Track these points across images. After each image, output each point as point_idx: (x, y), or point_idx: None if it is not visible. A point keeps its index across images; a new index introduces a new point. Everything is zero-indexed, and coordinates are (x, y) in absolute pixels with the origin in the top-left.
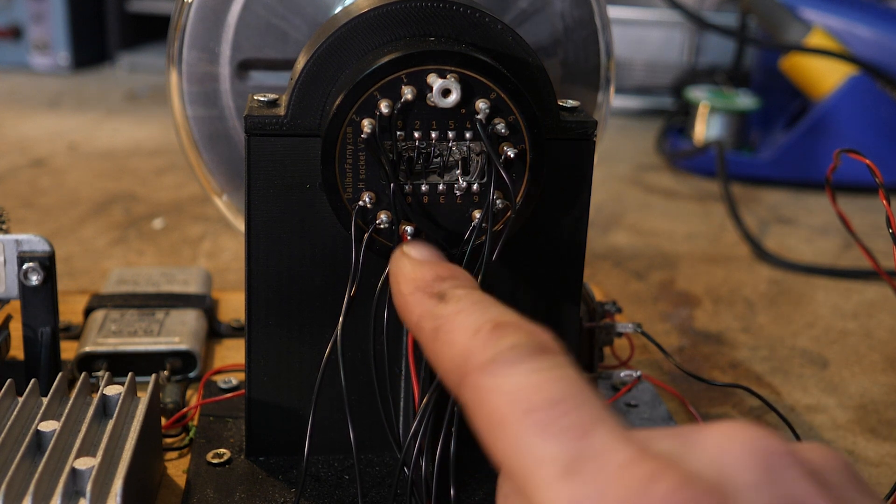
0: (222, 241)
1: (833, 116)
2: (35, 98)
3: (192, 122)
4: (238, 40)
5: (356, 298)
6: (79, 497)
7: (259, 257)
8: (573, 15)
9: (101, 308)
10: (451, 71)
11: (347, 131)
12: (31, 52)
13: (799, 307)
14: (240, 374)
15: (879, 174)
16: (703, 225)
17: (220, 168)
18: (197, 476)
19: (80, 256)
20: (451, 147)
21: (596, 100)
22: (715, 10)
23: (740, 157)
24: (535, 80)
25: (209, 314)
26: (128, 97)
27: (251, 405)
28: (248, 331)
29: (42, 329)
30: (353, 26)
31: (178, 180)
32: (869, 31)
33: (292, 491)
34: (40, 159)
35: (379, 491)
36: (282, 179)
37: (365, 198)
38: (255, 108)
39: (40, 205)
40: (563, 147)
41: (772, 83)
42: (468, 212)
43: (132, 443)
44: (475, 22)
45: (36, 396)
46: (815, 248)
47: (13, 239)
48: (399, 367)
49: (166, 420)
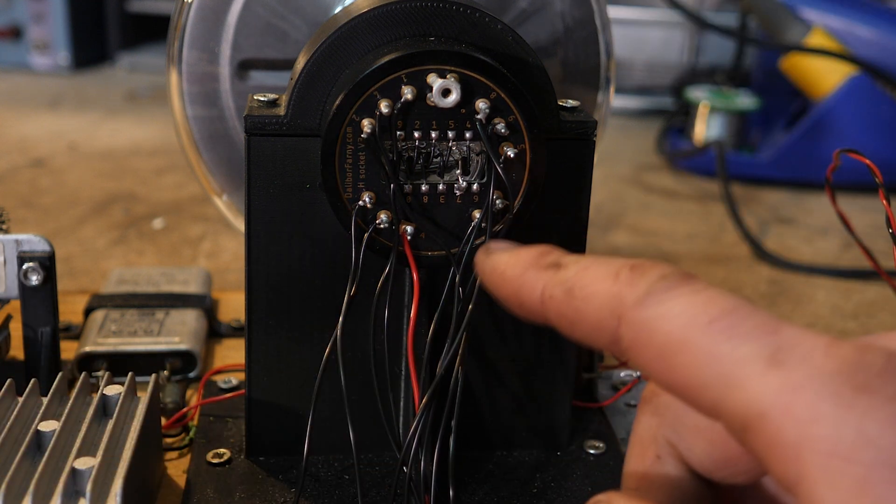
0: (222, 241)
1: (833, 116)
2: (35, 98)
3: (192, 122)
4: (238, 40)
5: (356, 298)
6: (79, 497)
7: (259, 257)
8: (573, 15)
9: (101, 308)
10: (451, 71)
11: (347, 131)
12: (31, 52)
13: (799, 307)
14: (240, 374)
15: (879, 174)
16: (703, 225)
17: (220, 168)
18: (197, 476)
19: (80, 256)
20: (451, 147)
21: (596, 100)
22: (715, 10)
23: (740, 157)
24: (535, 80)
25: (209, 314)
26: (128, 97)
27: (251, 405)
28: (248, 331)
29: (42, 329)
30: (353, 26)
31: (178, 180)
32: (869, 31)
33: (292, 491)
34: (40, 159)
35: (379, 491)
36: (282, 179)
37: (365, 198)
38: (255, 108)
39: (40, 205)
40: (563, 147)
41: (772, 83)
42: (468, 212)
43: (132, 443)
44: (475, 22)
45: (36, 396)
46: (815, 248)
47: (13, 239)
48: (399, 367)
49: (166, 420)
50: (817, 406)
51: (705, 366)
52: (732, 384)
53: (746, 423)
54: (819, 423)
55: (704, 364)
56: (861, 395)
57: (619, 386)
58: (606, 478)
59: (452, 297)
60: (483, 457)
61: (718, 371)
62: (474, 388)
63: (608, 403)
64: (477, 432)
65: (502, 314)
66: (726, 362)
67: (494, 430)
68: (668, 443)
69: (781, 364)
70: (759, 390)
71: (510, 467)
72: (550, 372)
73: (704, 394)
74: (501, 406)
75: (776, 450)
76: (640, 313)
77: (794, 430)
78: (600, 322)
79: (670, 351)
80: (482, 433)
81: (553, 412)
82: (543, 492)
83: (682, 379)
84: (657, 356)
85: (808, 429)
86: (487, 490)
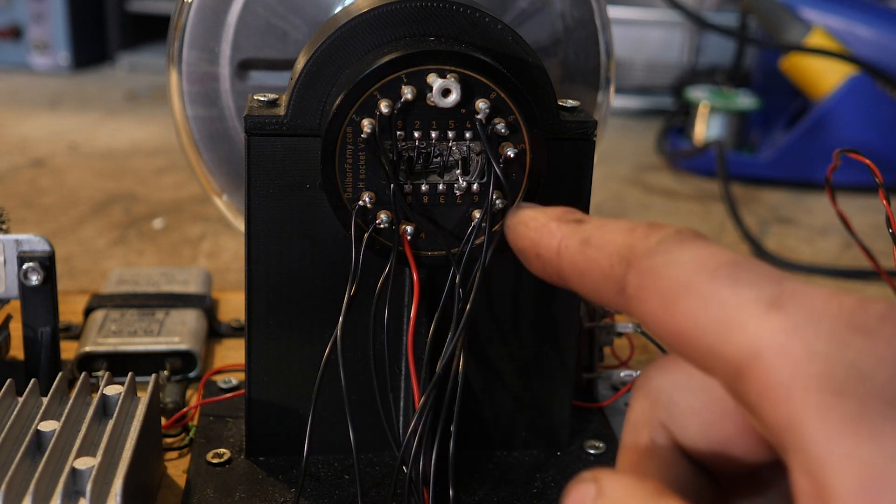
0: (222, 241)
1: (833, 116)
2: (35, 98)
3: (192, 122)
4: (238, 40)
5: (356, 298)
6: (79, 497)
7: (259, 257)
8: (573, 15)
9: (101, 308)
10: (451, 71)
11: (347, 131)
12: (31, 52)
13: None
14: (240, 374)
15: (879, 174)
16: (703, 225)
17: (220, 168)
18: (197, 476)
19: (80, 256)
20: (450, 147)
21: (596, 100)
22: (715, 10)
23: (740, 157)
24: (535, 80)
25: (209, 314)
26: (128, 97)
27: (251, 405)
28: (248, 331)
29: (42, 329)
30: (353, 26)
31: (178, 180)
32: (869, 31)
33: (292, 491)
34: (40, 159)
35: (379, 491)
36: (282, 179)
37: (365, 198)
38: (255, 108)
39: (40, 205)
40: (562, 147)
41: (772, 83)
42: (468, 211)
43: (132, 443)
44: (475, 22)
45: (36, 396)
46: (815, 248)
47: (13, 239)
48: (399, 367)
49: (166, 420)
50: (813, 345)
51: (706, 310)
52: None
53: (741, 366)
54: (813, 361)
55: (705, 308)
56: (858, 336)
57: (619, 386)
58: None
59: (452, 297)
60: (483, 457)
61: (718, 315)
62: (474, 388)
63: (608, 403)
64: (477, 432)
65: (502, 314)
66: (727, 306)
67: (494, 430)
68: (661, 426)
69: (781, 308)
70: (756, 332)
71: (510, 467)
72: (550, 372)
73: (702, 339)
74: (501, 406)
75: (768, 392)
76: (648, 260)
77: (788, 369)
78: (610, 269)
79: (673, 295)
80: (482, 433)
81: (553, 412)
82: (543, 492)
83: (682, 324)
84: (660, 302)
85: (801, 367)
86: (487, 490)
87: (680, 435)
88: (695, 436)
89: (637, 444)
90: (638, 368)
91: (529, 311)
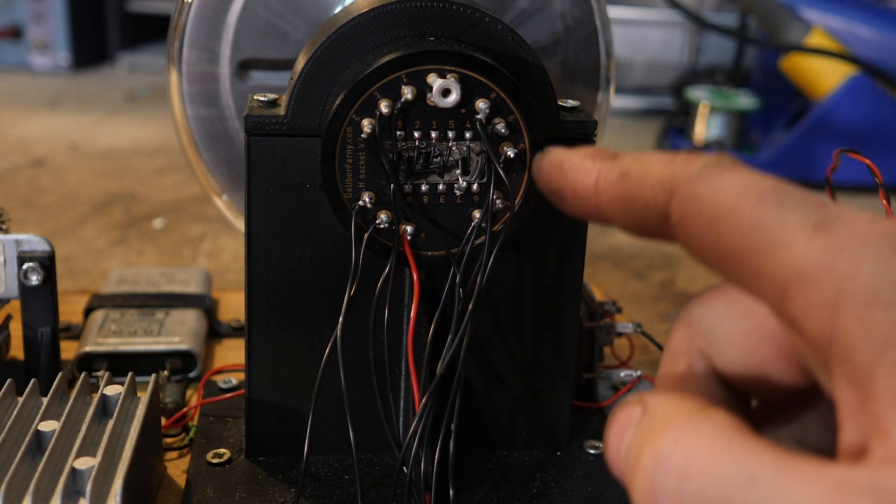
0: (222, 241)
1: (833, 116)
2: (35, 98)
3: (192, 122)
4: (238, 40)
5: (356, 298)
6: (79, 497)
7: (259, 257)
8: (573, 15)
9: (101, 308)
10: (451, 71)
11: (347, 131)
12: (31, 52)
13: None
14: (240, 374)
15: (879, 174)
16: None
17: (220, 168)
18: (197, 476)
19: (80, 256)
20: (450, 147)
21: (596, 100)
22: (715, 10)
23: (740, 157)
24: (535, 80)
25: (209, 314)
26: (128, 97)
27: (251, 405)
28: (248, 331)
29: (42, 329)
30: (353, 26)
31: (178, 180)
32: (869, 31)
33: (292, 491)
34: (40, 159)
35: (379, 491)
36: (282, 179)
37: (365, 198)
38: (255, 108)
39: (40, 205)
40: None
41: (772, 83)
42: (468, 211)
43: (132, 443)
44: (475, 22)
45: (36, 396)
46: None
47: (13, 239)
48: (399, 367)
49: (166, 420)
50: (858, 262)
51: (752, 232)
52: (777, 248)
53: (787, 285)
54: (858, 278)
55: (751, 230)
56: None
57: (619, 386)
58: (606, 478)
59: (452, 297)
60: (483, 457)
61: (765, 236)
62: (474, 388)
63: (608, 403)
64: (477, 432)
65: (502, 314)
66: (774, 228)
67: (494, 430)
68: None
69: (827, 230)
70: (803, 252)
71: (510, 467)
72: (550, 372)
73: (750, 260)
74: (501, 406)
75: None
76: (692, 188)
77: (834, 284)
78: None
79: (719, 219)
80: (482, 433)
81: (553, 412)
82: (543, 492)
83: (728, 247)
84: (705, 226)
85: (847, 283)
86: (487, 490)
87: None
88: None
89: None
90: (638, 368)
91: (529, 312)
